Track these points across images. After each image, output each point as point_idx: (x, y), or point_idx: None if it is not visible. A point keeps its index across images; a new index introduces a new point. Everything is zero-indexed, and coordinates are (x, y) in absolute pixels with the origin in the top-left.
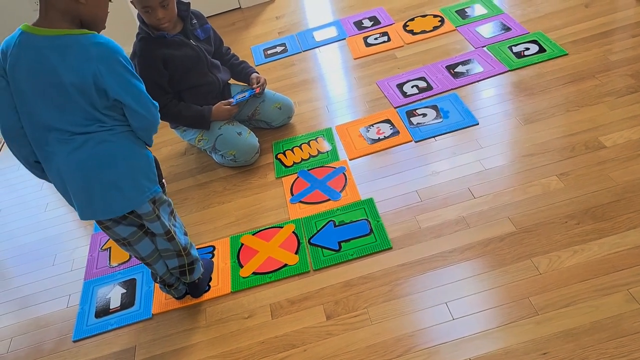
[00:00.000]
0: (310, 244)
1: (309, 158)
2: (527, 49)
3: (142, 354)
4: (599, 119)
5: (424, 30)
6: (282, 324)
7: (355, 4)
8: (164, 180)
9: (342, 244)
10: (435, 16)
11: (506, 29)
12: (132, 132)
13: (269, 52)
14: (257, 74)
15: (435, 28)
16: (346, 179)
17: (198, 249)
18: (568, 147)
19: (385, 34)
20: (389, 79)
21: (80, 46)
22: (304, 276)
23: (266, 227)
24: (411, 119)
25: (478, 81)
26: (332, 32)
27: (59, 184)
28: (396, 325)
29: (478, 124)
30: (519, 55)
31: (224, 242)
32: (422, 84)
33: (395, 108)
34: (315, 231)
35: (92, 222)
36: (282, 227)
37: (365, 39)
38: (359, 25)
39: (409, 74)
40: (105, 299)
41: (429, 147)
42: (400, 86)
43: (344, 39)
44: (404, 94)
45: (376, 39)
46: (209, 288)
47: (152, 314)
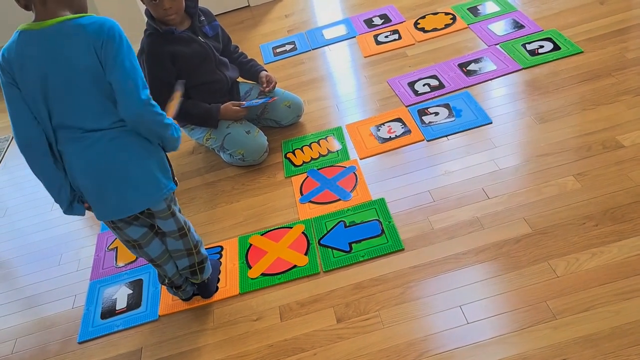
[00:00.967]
0: (320, 244)
1: (319, 157)
2: (542, 46)
3: (149, 356)
4: (616, 117)
5: (436, 28)
6: (291, 327)
7: (365, 2)
8: (175, 177)
9: (352, 245)
10: (446, 14)
11: (519, 26)
12: None
13: (278, 50)
14: (266, 72)
15: (447, 26)
16: (357, 179)
17: (206, 249)
18: (584, 147)
19: (396, 31)
20: (400, 77)
21: (82, 27)
22: (314, 278)
23: (275, 228)
24: (423, 117)
25: (491, 79)
26: (342, 30)
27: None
28: (408, 329)
29: (491, 122)
30: (532, 53)
31: (232, 242)
32: (434, 82)
33: (407, 107)
34: (326, 232)
35: (99, 222)
36: (291, 228)
37: (376, 37)
38: (369, 23)
39: (421, 72)
40: (111, 299)
41: (441, 147)
42: (411, 84)
43: (354, 37)
44: (416, 93)
45: (387, 37)
46: (217, 289)
47: (159, 316)
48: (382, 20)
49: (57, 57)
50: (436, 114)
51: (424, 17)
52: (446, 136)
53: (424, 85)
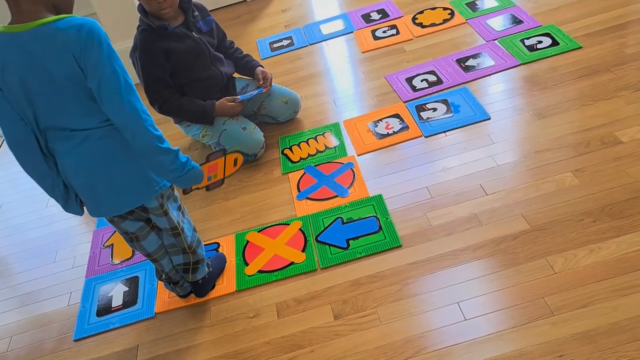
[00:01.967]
0: (317, 241)
1: (316, 153)
2: (540, 42)
3: (145, 354)
4: (614, 113)
5: (434, 23)
6: (288, 324)
7: None
8: None
9: (350, 241)
10: (445, 9)
11: (518, 21)
12: None
13: (275, 45)
14: (262, 67)
15: (445, 21)
16: (354, 175)
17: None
18: (583, 143)
19: (393, 27)
20: (398, 72)
21: (60, 32)
22: (311, 275)
23: (272, 224)
24: (421, 113)
25: (489, 75)
26: (339, 25)
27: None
28: (406, 326)
29: (490, 118)
30: (531, 48)
31: (228, 239)
32: (432, 78)
33: (405, 102)
34: (323, 228)
35: (95, 219)
36: (288, 224)
37: (374, 32)
38: (366, 18)
39: (419, 67)
40: (107, 297)
41: (439, 143)
42: (409, 80)
43: (352, 32)
44: (414, 88)
45: (384, 32)
46: (213, 287)
47: (155, 313)
48: (380, 15)
49: (35, 65)
50: (434, 109)
51: (422, 12)
52: (444, 132)
53: (422, 81)
